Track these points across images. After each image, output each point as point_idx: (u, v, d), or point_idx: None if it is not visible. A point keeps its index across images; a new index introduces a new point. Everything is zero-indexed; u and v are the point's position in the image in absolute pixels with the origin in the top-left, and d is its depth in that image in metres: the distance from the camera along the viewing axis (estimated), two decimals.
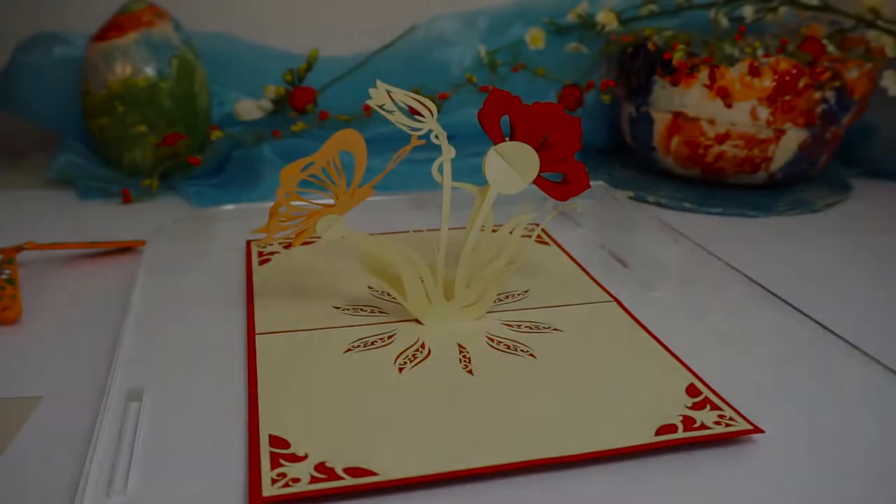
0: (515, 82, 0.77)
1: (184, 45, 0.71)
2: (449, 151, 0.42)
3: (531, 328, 0.44)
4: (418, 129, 0.42)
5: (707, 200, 0.69)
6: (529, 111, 0.41)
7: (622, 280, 0.51)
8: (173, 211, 0.65)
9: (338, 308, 0.46)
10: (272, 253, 0.54)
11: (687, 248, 0.57)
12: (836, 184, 0.75)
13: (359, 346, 0.42)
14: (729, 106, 0.66)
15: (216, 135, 0.70)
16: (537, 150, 0.41)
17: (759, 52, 0.68)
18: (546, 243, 0.57)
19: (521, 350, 0.41)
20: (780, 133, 0.67)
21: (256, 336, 0.42)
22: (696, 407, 0.36)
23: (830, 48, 0.68)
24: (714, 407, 0.36)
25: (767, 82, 0.64)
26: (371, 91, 0.41)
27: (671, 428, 0.34)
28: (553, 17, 0.81)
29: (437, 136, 0.42)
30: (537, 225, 0.57)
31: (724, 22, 0.72)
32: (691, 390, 0.38)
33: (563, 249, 0.55)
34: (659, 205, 0.69)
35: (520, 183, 0.42)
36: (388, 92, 0.41)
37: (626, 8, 0.77)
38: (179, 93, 0.70)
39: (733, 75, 0.65)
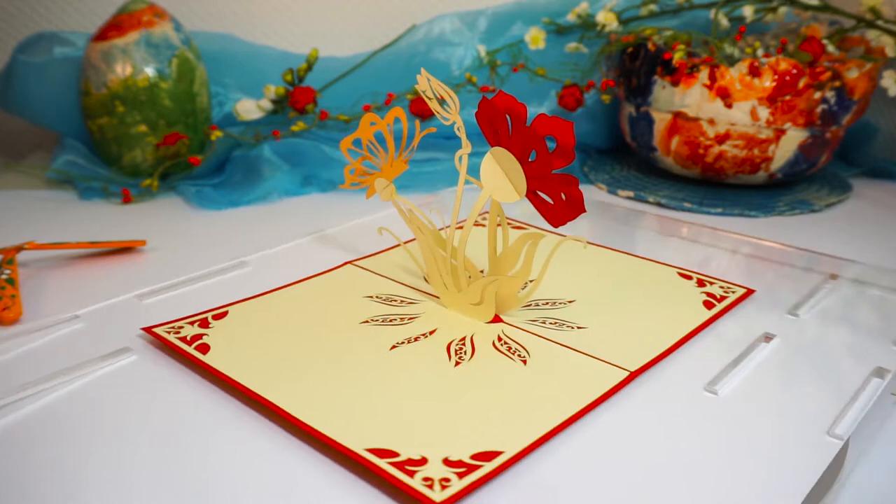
0: (515, 82, 0.77)
1: (184, 45, 0.71)
2: (468, 145, 0.43)
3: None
4: (447, 119, 0.43)
5: (707, 200, 0.69)
6: (522, 121, 0.38)
7: None
8: (173, 211, 0.66)
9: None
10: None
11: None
12: (836, 184, 0.75)
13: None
14: (729, 106, 0.66)
15: (216, 135, 0.70)
16: (528, 163, 0.39)
17: (759, 52, 0.68)
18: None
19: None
20: (780, 133, 0.67)
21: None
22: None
23: (830, 48, 0.68)
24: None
25: (767, 82, 0.64)
26: (417, 77, 0.43)
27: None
28: (553, 17, 0.81)
29: (458, 129, 0.42)
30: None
31: (724, 22, 0.72)
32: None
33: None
34: (659, 205, 0.69)
35: (512, 193, 0.40)
36: (429, 80, 0.43)
37: (626, 8, 0.77)
38: (179, 93, 0.70)
39: (733, 75, 0.65)
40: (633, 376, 0.38)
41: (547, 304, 0.47)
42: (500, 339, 0.42)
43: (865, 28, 0.70)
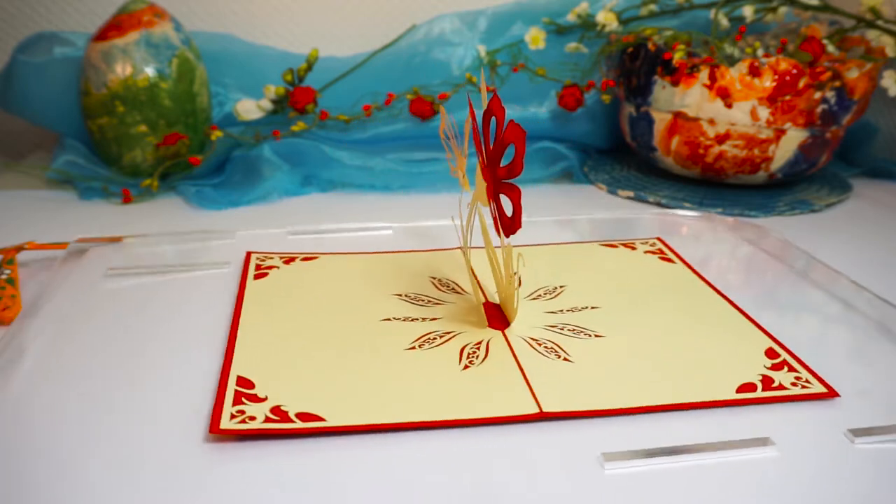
0: (515, 82, 0.77)
1: (184, 45, 0.71)
2: (467, 185, 0.44)
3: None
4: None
5: (707, 200, 0.69)
6: (500, 125, 0.38)
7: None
8: (173, 211, 0.66)
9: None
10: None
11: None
12: (836, 184, 0.75)
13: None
14: (729, 106, 0.66)
15: (216, 135, 0.70)
16: (500, 167, 0.38)
17: (759, 52, 0.68)
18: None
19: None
20: (780, 133, 0.67)
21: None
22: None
23: (830, 48, 0.68)
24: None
25: (767, 82, 0.64)
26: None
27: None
28: (553, 17, 0.81)
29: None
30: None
31: (724, 22, 0.72)
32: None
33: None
34: (659, 205, 0.69)
35: (483, 197, 0.39)
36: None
37: (626, 8, 0.77)
38: (179, 93, 0.70)
39: (733, 75, 0.65)
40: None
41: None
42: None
43: (865, 28, 0.70)
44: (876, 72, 0.68)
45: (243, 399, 0.35)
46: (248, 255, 0.52)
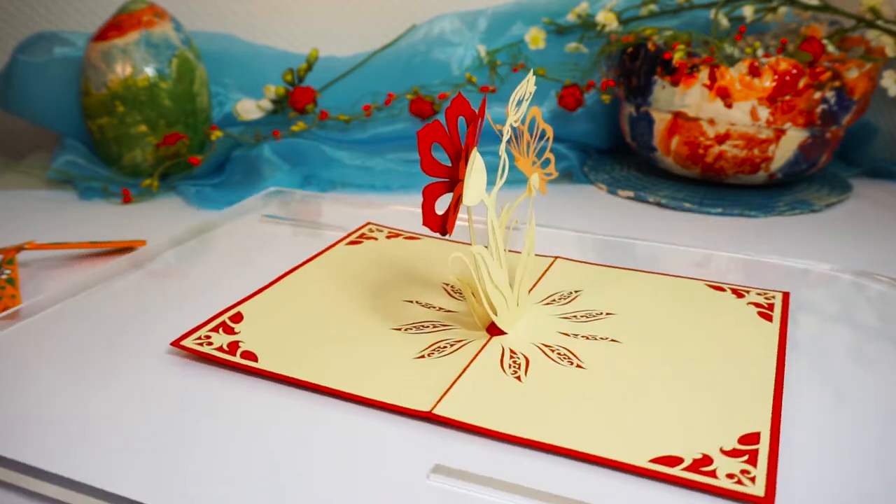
0: (515, 82, 0.77)
1: (184, 45, 0.71)
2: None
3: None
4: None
5: (707, 200, 0.69)
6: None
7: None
8: (173, 211, 0.66)
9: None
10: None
11: None
12: (836, 184, 0.75)
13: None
14: (729, 106, 0.66)
15: (216, 135, 0.70)
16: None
17: (759, 52, 0.68)
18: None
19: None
20: (780, 133, 0.67)
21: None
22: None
23: (830, 48, 0.68)
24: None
25: (767, 82, 0.64)
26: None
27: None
28: (553, 17, 0.81)
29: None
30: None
31: (724, 22, 0.72)
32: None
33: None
34: (659, 205, 0.69)
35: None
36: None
37: (626, 8, 0.77)
38: (179, 93, 0.70)
39: (733, 75, 0.65)
40: None
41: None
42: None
43: (865, 28, 0.70)
44: (876, 72, 0.68)
45: (220, 329, 0.41)
46: (366, 224, 0.57)
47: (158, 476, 0.31)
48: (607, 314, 0.44)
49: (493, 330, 0.41)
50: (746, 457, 0.31)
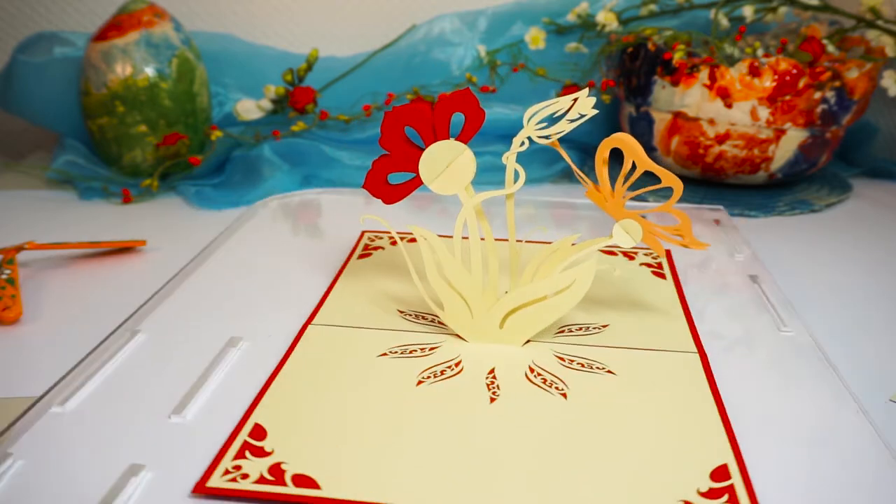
0: (515, 82, 0.77)
1: (184, 45, 0.71)
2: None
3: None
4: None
5: (707, 200, 0.69)
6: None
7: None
8: (173, 211, 0.66)
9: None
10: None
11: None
12: (836, 184, 0.75)
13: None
14: (729, 106, 0.66)
15: (216, 135, 0.70)
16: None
17: (759, 52, 0.68)
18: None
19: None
20: (780, 133, 0.67)
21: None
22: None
23: (830, 48, 0.68)
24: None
25: (767, 82, 0.64)
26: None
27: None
28: (553, 17, 0.81)
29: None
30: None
31: (724, 22, 0.72)
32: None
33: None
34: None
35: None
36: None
37: (626, 8, 0.77)
38: (179, 93, 0.70)
39: (733, 75, 0.65)
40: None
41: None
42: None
43: (865, 28, 0.70)
44: (876, 72, 0.68)
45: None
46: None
47: None
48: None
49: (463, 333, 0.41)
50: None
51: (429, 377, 0.38)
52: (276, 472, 0.31)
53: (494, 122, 0.71)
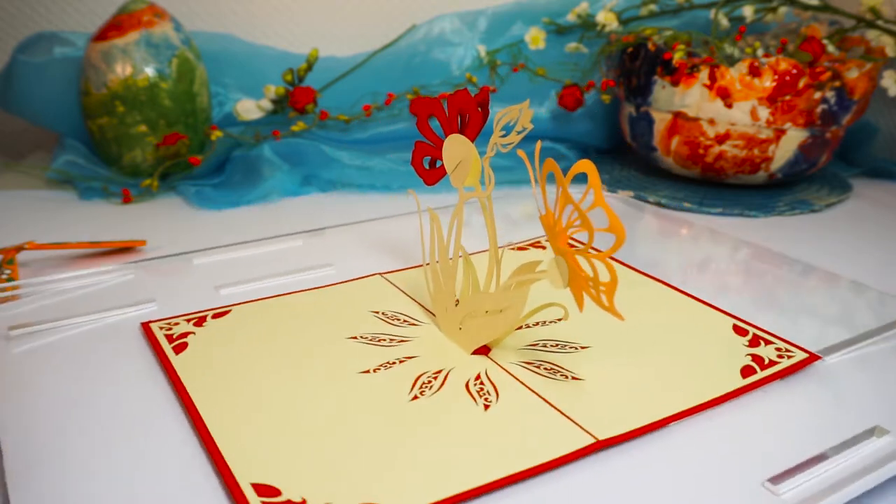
0: (515, 82, 0.77)
1: (184, 45, 0.71)
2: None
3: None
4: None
5: (707, 200, 0.69)
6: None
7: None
8: (173, 211, 0.66)
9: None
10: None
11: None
12: (836, 184, 0.75)
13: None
14: (729, 106, 0.66)
15: (216, 135, 0.70)
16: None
17: (759, 52, 0.68)
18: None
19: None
20: (780, 133, 0.67)
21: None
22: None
23: (830, 48, 0.68)
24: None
25: (767, 82, 0.64)
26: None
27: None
28: (553, 17, 0.81)
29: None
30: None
31: (724, 22, 0.72)
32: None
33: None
34: (659, 205, 0.69)
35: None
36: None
37: (626, 8, 0.77)
38: (179, 93, 0.70)
39: (733, 75, 0.65)
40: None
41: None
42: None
43: (865, 28, 0.70)
44: (876, 72, 0.68)
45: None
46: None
47: None
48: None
49: (481, 350, 0.40)
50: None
51: (378, 369, 0.37)
52: (181, 337, 0.33)
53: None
